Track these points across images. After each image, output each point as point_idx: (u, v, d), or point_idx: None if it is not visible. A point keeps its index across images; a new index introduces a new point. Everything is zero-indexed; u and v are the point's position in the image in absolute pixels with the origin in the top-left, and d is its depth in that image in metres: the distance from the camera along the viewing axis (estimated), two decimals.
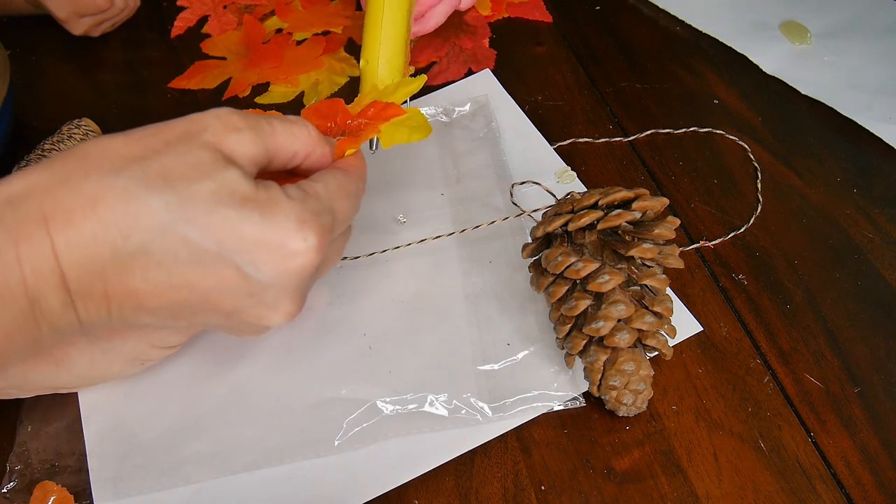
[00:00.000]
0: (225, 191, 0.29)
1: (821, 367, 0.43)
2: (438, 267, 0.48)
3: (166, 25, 0.68)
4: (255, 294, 0.31)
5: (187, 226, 0.28)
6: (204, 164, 0.29)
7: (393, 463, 0.40)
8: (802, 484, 0.39)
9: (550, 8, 0.66)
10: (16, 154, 0.54)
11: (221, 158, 0.30)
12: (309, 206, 0.31)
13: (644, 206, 0.40)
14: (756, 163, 0.53)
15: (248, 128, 0.31)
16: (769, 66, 0.59)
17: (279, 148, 0.33)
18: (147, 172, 0.28)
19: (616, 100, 0.58)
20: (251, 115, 0.32)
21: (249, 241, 0.29)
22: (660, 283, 0.39)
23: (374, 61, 0.46)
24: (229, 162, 0.30)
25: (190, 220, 0.28)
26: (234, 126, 0.31)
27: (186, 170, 0.29)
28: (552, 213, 0.42)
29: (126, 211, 0.27)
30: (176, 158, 0.29)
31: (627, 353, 0.38)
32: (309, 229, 0.30)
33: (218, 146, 0.30)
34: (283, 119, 0.33)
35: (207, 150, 0.30)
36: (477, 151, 0.54)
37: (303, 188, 0.32)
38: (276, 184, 0.31)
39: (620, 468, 0.40)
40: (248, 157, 0.31)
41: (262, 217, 0.29)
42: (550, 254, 0.40)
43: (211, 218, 0.28)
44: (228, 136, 0.31)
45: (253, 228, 0.29)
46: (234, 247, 0.29)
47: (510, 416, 0.41)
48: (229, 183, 0.29)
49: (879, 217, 0.50)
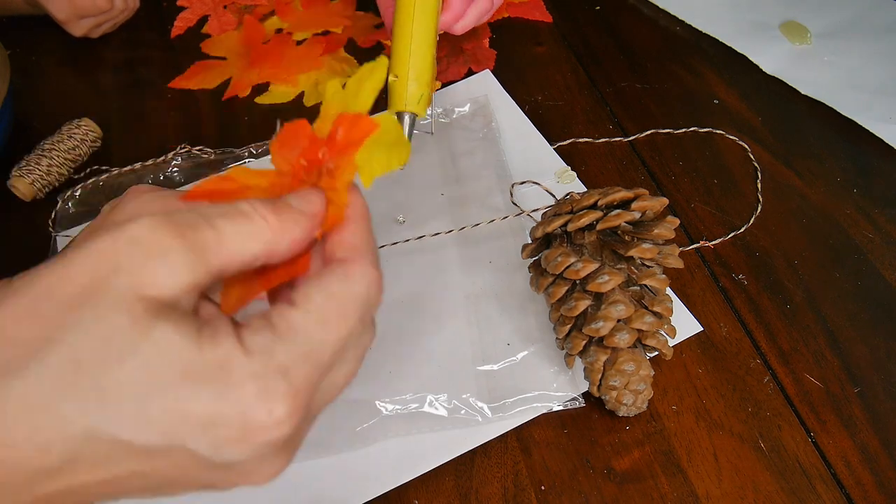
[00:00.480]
0: (156, 367, 0.22)
1: (821, 367, 0.43)
2: (438, 267, 0.48)
3: (166, 25, 0.68)
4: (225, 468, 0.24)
5: (116, 426, 0.22)
6: (121, 335, 0.22)
7: (393, 463, 0.40)
8: (802, 484, 0.39)
9: (550, 8, 0.66)
10: (16, 154, 0.54)
11: (143, 316, 0.22)
12: (276, 360, 0.23)
13: (643, 206, 0.40)
14: (756, 163, 0.53)
15: (180, 246, 0.23)
16: (769, 66, 0.59)
17: (229, 258, 0.24)
18: (50, 367, 0.21)
19: (616, 100, 0.58)
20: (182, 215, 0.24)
21: (199, 424, 0.22)
22: (659, 283, 0.39)
23: (403, 76, 0.45)
24: (156, 315, 0.22)
25: (117, 419, 0.22)
26: (159, 249, 0.23)
27: (100, 349, 0.22)
28: (551, 214, 0.42)
29: (35, 425, 0.21)
30: (83, 336, 0.22)
31: (627, 353, 0.38)
32: (274, 399, 0.23)
33: (138, 290, 0.22)
34: (231, 215, 0.24)
35: (122, 311, 0.22)
36: (477, 152, 0.54)
37: (273, 323, 0.24)
38: (228, 327, 0.24)
39: (620, 468, 0.40)
40: (182, 287, 0.23)
41: (211, 391, 0.22)
42: (550, 254, 0.40)
43: (144, 408, 0.22)
44: (151, 268, 0.23)
45: (201, 407, 0.22)
46: (182, 433, 0.22)
47: (510, 416, 0.41)
48: (160, 353, 0.22)
49: (879, 217, 0.50)
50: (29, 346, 0.22)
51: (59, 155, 0.54)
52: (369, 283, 0.26)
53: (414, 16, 0.45)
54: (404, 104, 0.45)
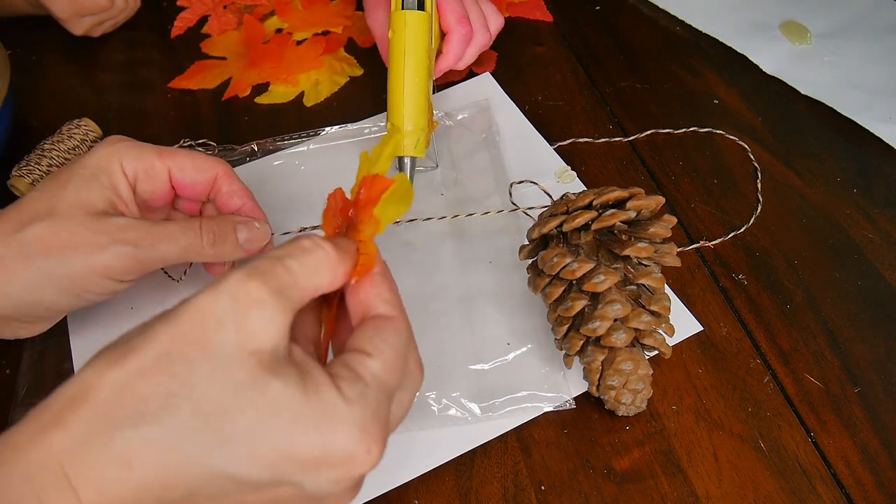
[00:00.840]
0: (270, 414, 0.25)
1: (821, 367, 0.43)
2: (435, 266, 0.48)
3: (166, 25, 0.68)
4: (319, 499, 0.28)
5: (233, 465, 0.25)
6: (240, 388, 0.25)
7: (393, 463, 0.40)
8: (802, 484, 0.39)
9: (550, 8, 0.66)
10: (16, 154, 0.54)
11: (257, 370, 0.25)
12: (370, 404, 0.27)
13: (638, 206, 0.40)
14: (756, 163, 0.53)
15: (270, 295, 0.26)
16: (769, 66, 0.59)
17: (305, 293, 0.28)
18: (176, 415, 0.25)
19: (616, 100, 0.58)
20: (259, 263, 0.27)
21: (307, 462, 0.26)
22: (656, 281, 0.39)
23: (399, 125, 0.48)
24: (268, 370, 0.26)
25: (235, 459, 0.25)
26: (255, 301, 0.26)
27: (224, 402, 0.25)
28: (547, 214, 0.42)
29: (164, 465, 0.24)
30: (209, 390, 0.25)
31: (625, 352, 0.38)
32: (371, 439, 0.26)
33: (246, 346, 0.26)
34: (297, 255, 0.28)
35: (240, 365, 0.25)
36: (477, 154, 0.54)
37: (358, 373, 0.27)
38: (325, 377, 0.27)
39: (620, 468, 0.40)
40: (280, 332, 0.27)
41: (318, 434, 0.25)
42: (546, 255, 0.40)
43: (258, 450, 0.25)
44: (251, 321, 0.26)
45: (309, 448, 0.25)
46: (289, 470, 0.26)
47: (499, 416, 0.41)
48: (273, 403, 0.25)
49: (879, 217, 0.50)
50: (159, 400, 0.25)
51: (59, 155, 0.54)
52: (410, 333, 0.31)
53: (405, 65, 0.48)
54: (403, 150, 0.48)
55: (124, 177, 0.40)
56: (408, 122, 0.48)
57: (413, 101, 0.48)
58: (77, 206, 0.38)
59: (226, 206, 0.43)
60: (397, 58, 0.48)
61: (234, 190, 0.43)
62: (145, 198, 0.42)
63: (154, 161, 0.41)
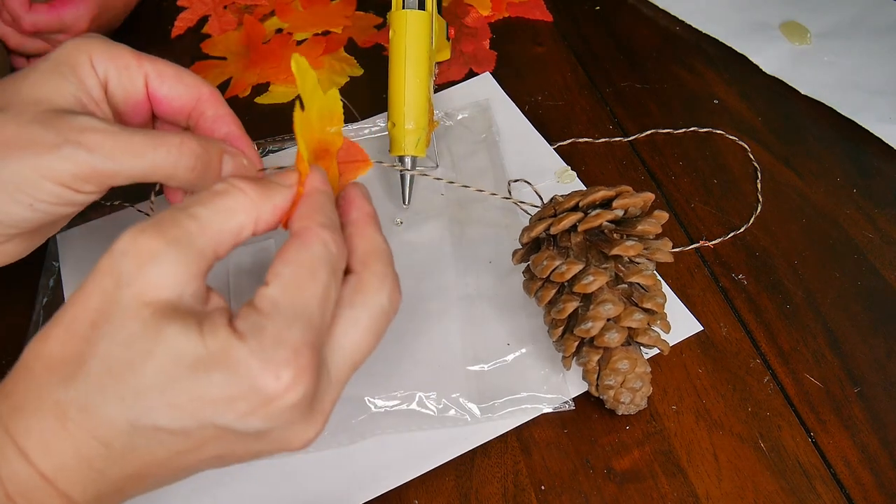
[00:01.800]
0: (171, 364, 0.25)
1: (821, 367, 0.43)
2: (434, 266, 0.48)
3: (166, 25, 0.68)
4: (258, 437, 0.28)
5: (154, 416, 0.25)
6: (138, 341, 0.25)
7: (392, 463, 0.40)
8: (802, 484, 0.39)
9: (550, 8, 0.66)
10: None
11: (151, 320, 0.26)
12: (268, 334, 0.26)
13: (625, 204, 0.39)
14: (756, 163, 0.53)
15: (167, 245, 0.26)
16: (769, 66, 0.59)
17: (217, 237, 0.27)
18: (91, 376, 0.25)
19: (616, 100, 0.58)
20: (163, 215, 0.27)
21: (220, 402, 0.26)
22: (648, 279, 0.39)
23: (400, 123, 0.48)
24: (163, 317, 0.26)
25: (154, 410, 0.25)
26: (148, 253, 0.26)
27: (124, 355, 0.25)
28: (536, 218, 0.42)
29: (91, 425, 0.25)
30: (109, 346, 0.26)
31: (620, 351, 0.38)
32: (277, 365, 0.26)
33: (141, 298, 0.26)
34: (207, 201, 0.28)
35: (133, 318, 0.26)
36: (477, 154, 0.54)
37: (255, 306, 0.27)
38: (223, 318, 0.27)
39: (620, 468, 0.40)
40: (179, 281, 0.26)
41: (220, 373, 0.25)
42: (537, 258, 0.40)
43: (172, 398, 0.25)
44: (146, 274, 0.26)
45: (217, 388, 0.25)
46: (209, 413, 0.26)
47: (499, 417, 0.41)
48: (172, 351, 0.25)
49: (879, 217, 0.50)
50: (72, 363, 0.26)
51: None
52: (324, 241, 0.28)
53: (406, 63, 0.48)
54: (403, 149, 0.48)
55: (94, 73, 0.34)
56: (409, 121, 0.48)
57: (414, 99, 0.48)
58: (34, 100, 0.32)
59: (209, 133, 0.37)
60: (398, 57, 0.48)
61: (220, 114, 0.37)
62: (117, 105, 0.35)
63: (130, 61, 0.34)
